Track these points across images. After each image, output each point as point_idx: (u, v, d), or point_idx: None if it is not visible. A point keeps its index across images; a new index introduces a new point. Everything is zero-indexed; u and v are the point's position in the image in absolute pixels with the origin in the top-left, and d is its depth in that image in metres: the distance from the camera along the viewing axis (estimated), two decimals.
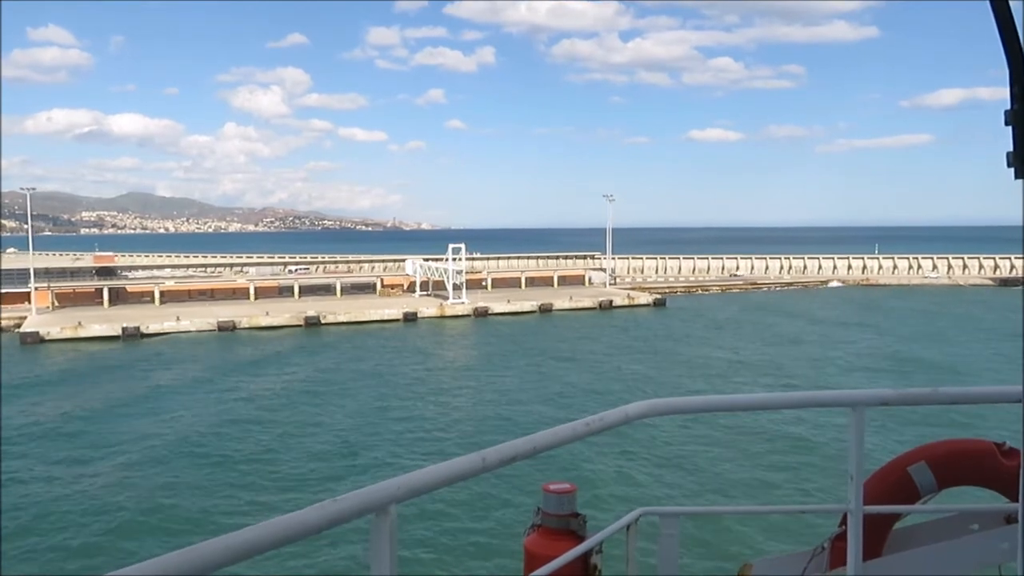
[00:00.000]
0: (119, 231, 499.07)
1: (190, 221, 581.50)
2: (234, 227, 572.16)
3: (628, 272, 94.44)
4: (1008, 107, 1.19)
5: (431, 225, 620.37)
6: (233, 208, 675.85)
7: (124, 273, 69.37)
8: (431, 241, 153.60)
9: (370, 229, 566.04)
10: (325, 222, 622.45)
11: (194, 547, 1.55)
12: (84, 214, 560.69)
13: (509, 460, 2.45)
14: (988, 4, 1.20)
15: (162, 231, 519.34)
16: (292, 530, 1.76)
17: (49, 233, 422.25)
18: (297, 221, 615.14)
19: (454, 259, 64.09)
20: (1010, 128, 1.19)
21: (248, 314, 57.74)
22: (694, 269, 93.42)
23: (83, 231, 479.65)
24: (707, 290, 79.80)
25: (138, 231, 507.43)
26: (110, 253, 75.33)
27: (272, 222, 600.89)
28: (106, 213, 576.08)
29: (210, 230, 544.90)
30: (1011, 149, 1.19)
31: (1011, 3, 1.20)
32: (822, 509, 4.05)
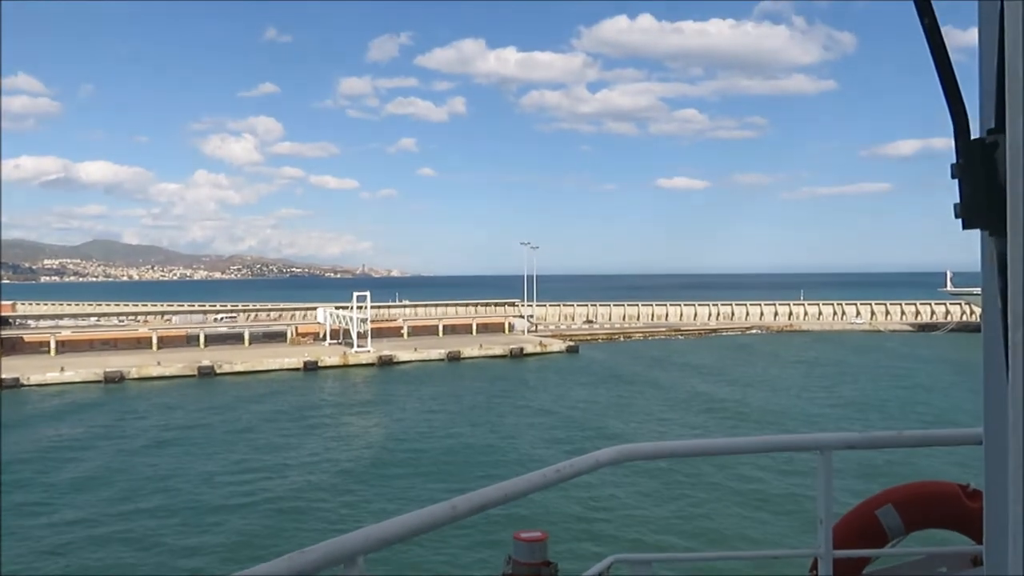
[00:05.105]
0: (81, 279, 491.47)
1: (155, 269, 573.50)
2: (200, 274, 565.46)
3: (561, 319, 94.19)
4: (953, 161, 1.26)
5: (401, 272, 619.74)
6: (200, 255, 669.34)
7: (21, 322, 67.64)
8: (398, 288, 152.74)
9: (339, 276, 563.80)
10: (294, 269, 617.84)
11: None
12: (47, 262, 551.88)
13: (480, 508, 2.43)
14: (933, 65, 1.28)
15: (125, 279, 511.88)
16: None
17: (7, 281, 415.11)
18: (265, 268, 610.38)
19: (358, 307, 63.35)
20: (956, 181, 1.26)
21: (140, 364, 56.30)
22: (624, 316, 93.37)
23: (44, 279, 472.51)
24: (630, 336, 79.58)
25: (101, 279, 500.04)
26: (8, 302, 73.64)
27: (239, 269, 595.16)
28: (69, 261, 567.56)
29: (175, 278, 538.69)
30: (958, 201, 1.25)
31: (953, 65, 1.26)
32: (793, 554, 4.05)
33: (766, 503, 23.81)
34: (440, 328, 75.88)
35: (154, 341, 64.75)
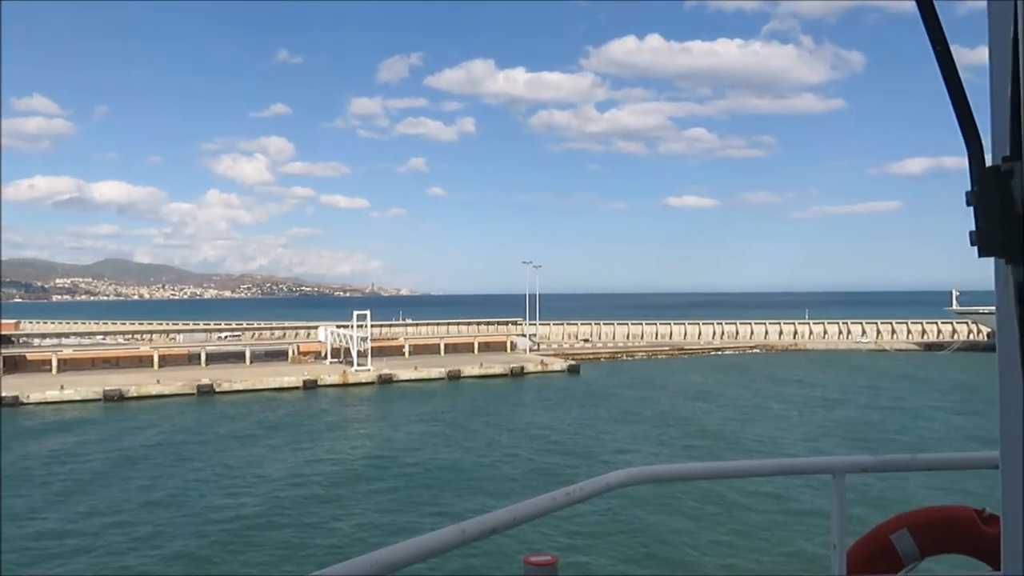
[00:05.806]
0: (92, 297, 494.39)
1: (166, 287, 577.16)
2: (210, 293, 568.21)
3: (564, 337, 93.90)
4: (969, 188, 1.26)
5: (410, 291, 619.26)
6: (211, 274, 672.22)
7: (26, 341, 68.01)
8: (407, 307, 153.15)
9: (349, 295, 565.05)
10: (304, 288, 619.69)
11: None
12: (58, 281, 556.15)
13: (489, 532, 2.42)
14: (946, 93, 1.27)
15: (136, 297, 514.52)
16: None
17: (20, 300, 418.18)
18: (275, 287, 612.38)
19: (359, 326, 63.37)
20: (971, 208, 1.25)
21: (140, 382, 56.42)
22: (628, 335, 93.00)
23: (55, 298, 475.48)
24: (632, 355, 79.18)
25: (112, 297, 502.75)
26: (11, 321, 74.05)
27: (250, 288, 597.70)
28: (81, 280, 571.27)
29: (186, 296, 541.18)
30: (973, 228, 1.25)
31: (966, 93, 1.26)
32: None
33: (777, 526, 23.43)
34: (442, 347, 75.79)
35: (155, 359, 64.93)
